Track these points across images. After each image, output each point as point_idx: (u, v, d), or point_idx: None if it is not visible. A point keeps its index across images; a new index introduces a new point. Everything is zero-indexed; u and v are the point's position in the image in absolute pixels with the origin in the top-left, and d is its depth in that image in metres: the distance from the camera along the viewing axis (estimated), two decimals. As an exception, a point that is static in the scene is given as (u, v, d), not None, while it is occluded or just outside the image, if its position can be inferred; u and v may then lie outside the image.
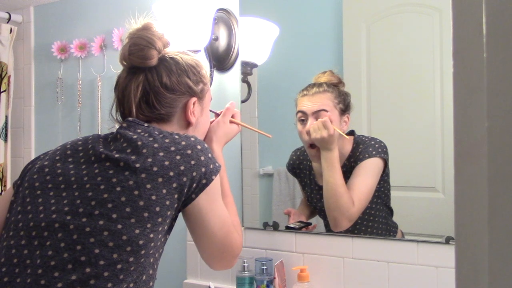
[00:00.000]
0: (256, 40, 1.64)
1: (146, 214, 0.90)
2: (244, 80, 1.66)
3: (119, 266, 0.87)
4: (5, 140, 2.16)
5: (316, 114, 1.41)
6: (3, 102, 2.14)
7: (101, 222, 0.89)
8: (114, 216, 0.89)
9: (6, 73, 2.16)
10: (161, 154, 0.95)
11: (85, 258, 0.86)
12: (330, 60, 1.54)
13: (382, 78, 1.48)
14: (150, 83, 1.05)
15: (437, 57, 1.40)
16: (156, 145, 0.96)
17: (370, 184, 1.38)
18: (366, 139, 1.43)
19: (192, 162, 0.96)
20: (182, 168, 0.95)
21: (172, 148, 0.96)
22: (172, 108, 1.07)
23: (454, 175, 0.37)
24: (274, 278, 1.47)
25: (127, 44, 1.07)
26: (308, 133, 1.41)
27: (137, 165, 0.92)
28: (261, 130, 1.46)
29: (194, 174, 0.96)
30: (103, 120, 1.94)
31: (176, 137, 0.99)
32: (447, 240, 1.33)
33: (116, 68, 1.90)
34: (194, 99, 1.10)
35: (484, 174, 0.35)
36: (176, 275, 1.78)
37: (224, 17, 1.69)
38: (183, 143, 0.98)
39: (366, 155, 1.38)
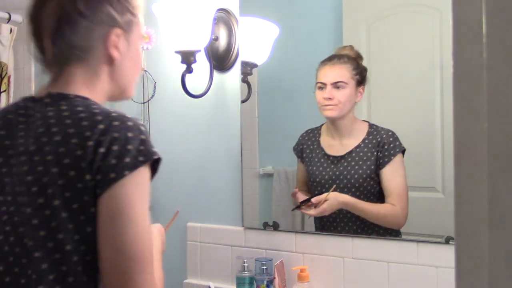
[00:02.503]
0: (256, 40, 1.64)
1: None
2: (244, 80, 1.66)
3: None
4: (5, 140, 2.15)
5: (335, 84, 1.47)
6: (3, 102, 2.14)
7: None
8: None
9: (6, 73, 2.16)
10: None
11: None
12: (330, 60, 1.54)
13: (382, 78, 1.48)
14: (63, 8, 0.87)
15: (437, 57, 1.40)
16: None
17: (404, 180, 1.43)
18: (379, 127, 1.47)
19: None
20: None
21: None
22: (89, 40, 0.89)
23: (454, 175, 0.37)
24: (274, 278, 1.47)
25: None
26: (326, 98, 1.48)
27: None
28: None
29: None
30: (103, 120, 1.94)
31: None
32: (447, 240, 1.33)
33: (116, 68, 1.90)
34: (117, 30, 0.91)
35: (484, 174, 0.35)
36: (176, 275, 1.78)
37: (224, 17, 1.69)
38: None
39: (397, 150, 1.43)
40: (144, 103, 1.85)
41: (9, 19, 2.19)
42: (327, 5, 1.60)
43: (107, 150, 0.79)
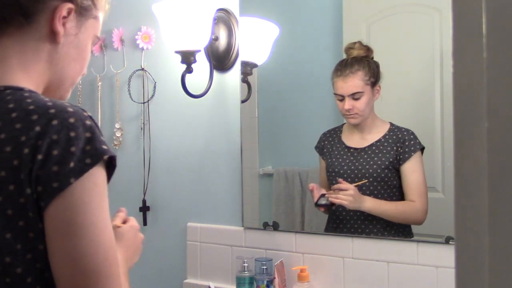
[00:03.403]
0: (256, 40, 1.64)
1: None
2: (244, 80, 1.66)
3: None
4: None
5: (352, 96, 1.48)
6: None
7: None
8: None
9: (6, 73, 2.16)
10: None
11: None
12: (330, 60, 1.54)
13: (382, 78, 1.48)
14: None
15: (437, 57, 1.40)
16: None
17: (423, 177, 1.44)
18: (399, 126, 1.49)
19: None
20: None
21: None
22: (36, 3, 0.78)
23: (454, 175, 0.37)
24: (274, 278, 1.47)
25: None
26: (347, 109, 1.49)
27: None
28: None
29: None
30: (104, 120, 1.94)
31: None
32: (447, 240, 1.33)
33: (116, 68, 1.90)
34: (69, 5, 0.80)
35: (484, 174, 0.35)
36: (176, 275, 1.78)
37: (224, 17, 1.69)
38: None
39: (417, 147, 1.44)
40: (144, 103, 1.85)
41: None
42: (327, 5, 1.60)
43: (45, 156, 0.67)
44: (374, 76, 1.48)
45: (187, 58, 1.58)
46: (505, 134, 0.35)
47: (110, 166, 0.74)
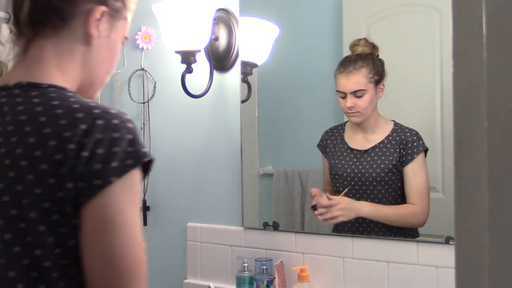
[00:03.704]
0: (256, 40, 1.64)
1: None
2: (244, 80, 1.66)
3: None
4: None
5: (354, 93, 1.46)
6: (3, 102, 2.13)
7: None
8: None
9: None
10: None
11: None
12: (330, 60, 1.54)
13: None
14: None
15: (437, 57, 1.40)
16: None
17: (426, 179, 1.43)
18: (403, 126, 1.47)
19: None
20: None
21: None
22: (72, 5, 0.80)
23: (454, 175, 0.37)
24: (274, 278, 1.47)
25: None
26: (349, 107, 1.48)
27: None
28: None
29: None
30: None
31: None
32: (447, 240, 1.33)
33: (116, 68, 1.90)
34: (103, 8, 0.82)
35: (484, 174, 0.35)
36: (176, 275, 1.78)
37: (224, 17, 1.69)
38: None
39: (420, 148, 1.43)
40: (144, 103, 1.85)
41: (9, 19, 2.18)
42: (327, 5, 1.60)
43: (91, 154, 0.69)
44: (378, 74, 1.46)
45: (187, 58, 1.58)
46: (505, 134, 0.35)
47: (145, 169, 0.75)
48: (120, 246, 0.70)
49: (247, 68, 1.66)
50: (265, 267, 1.49)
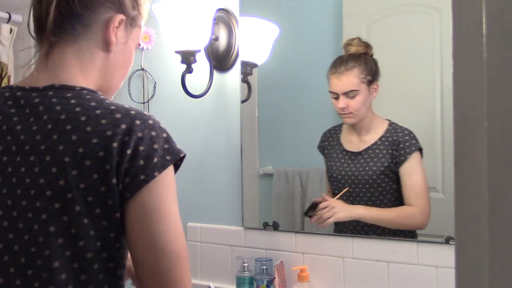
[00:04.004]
0: (256, 40, 1.64)
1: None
2: (244, 80, 1.66)
3: None
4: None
5: (346, 93, 1.46)
6: (3, 102, 2.13)
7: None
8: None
9: (6, 73, 2.16)
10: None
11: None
12: (330, 60, 1.54)
13: (381, 78, 1.48)
14: None
15: (437, 57, 1.40)
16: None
17: (422, 179, 1.42)
18: (398, 125, 1.46)
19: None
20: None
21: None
22: (93, 14, 0.84)
23: (454, 175, 0.37)
24: (274, 278, 1.47)
25: None
26: (341, 108, 1.47)
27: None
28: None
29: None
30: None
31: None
32: (447, 240, 1.33)
33: (116, 68, 1.90)
34: (122, 16, 0.87)
35: (484, 174, 0.35)
36: (176, 275, 1.77)
37: (224, 17, 1.69)
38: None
39: (413, 148, 1.42)
40: (144, 103, 1.86)
41: (9, 19, 2.19)
42: (327, 5, 1.60)
43: (134, 151, 0.75)
44: (371, 74, 1.45)
45: (187, 58, 1.58)
46: (505, 134, 0.35)
47: (175, 165, 0.82)
48: (165, 232, 0.76)
49: (247, 68, 1.66)
50: (265, 267, 1.49)
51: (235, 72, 1.69)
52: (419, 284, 1.35)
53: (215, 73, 1.70)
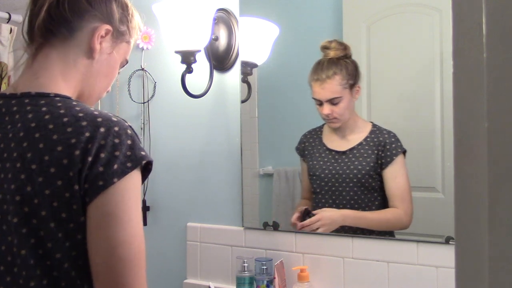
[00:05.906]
0: (256, 40, 1.64)
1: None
2: (244, 80, 1.66)
3: None
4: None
5: (330, 100, 1.47)
6: (3, 102, 2.13)
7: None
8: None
9: (6, 73, 2.16)
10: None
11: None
12: (330, 60, 1.54)
13: (382, 78, 1.48)
14: None
15: (437, 57, 1.40)
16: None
17: (406, 181, 1.43)
18: (381, 127, 1.47)
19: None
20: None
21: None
22: (81, 20, 0.88)
23: (454, 175, 0.37)
24: (274, 278, 1.47)
25: None
26: (326, 114, 1.48)
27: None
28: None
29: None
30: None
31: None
32: (447, 240, 1.33)
33: (116, 68, 1.90)
34: (108, 27, 0.91)
35: (484, 174, 0.35)
36: (176, 275, 1.78)
37: (224, 17, 1.69)
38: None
39: (399, 150, 1.43)
40: (144, 103, 1.86)
41: (9, 19, 2.19)
42: (327, 5, 1.60)
43: (94, 158, 0.77)
44: (353, 78, 1.46)
45: (187, 58, 1.58)
46: (505, 134, 0.35)
47: (145, 169, 0.85)
48: (121, 236, 0.78)
49: (247, 68, 1.66)
50: (265, 267, 1.49)
51: (235, 72, 1.69)
52: (419, 284, 1.35)
53: (215, 73, 1.70)
